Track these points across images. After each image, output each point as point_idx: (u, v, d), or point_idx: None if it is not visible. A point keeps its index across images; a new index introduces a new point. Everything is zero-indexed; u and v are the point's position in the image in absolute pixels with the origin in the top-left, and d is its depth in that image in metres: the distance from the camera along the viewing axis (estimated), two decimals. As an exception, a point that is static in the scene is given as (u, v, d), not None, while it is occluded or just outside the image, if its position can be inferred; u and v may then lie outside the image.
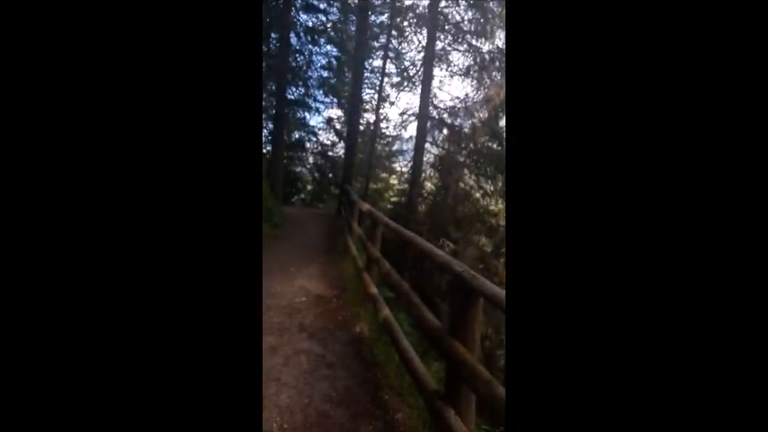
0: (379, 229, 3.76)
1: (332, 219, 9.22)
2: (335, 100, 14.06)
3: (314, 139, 14.65)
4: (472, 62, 8.36)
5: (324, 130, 14.71)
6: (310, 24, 12.35)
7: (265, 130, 13.65)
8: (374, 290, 3.41)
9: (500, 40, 7.63)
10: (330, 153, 14.61)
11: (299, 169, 15.06)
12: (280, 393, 2.24)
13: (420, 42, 9.54)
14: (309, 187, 15.36)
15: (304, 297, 3.89)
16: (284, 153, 13.34)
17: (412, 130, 9.51)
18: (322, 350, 2.86)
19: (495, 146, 7.30)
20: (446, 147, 8.39)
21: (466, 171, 7.68)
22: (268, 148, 13.27)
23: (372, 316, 3.50)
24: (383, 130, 12.66)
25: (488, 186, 7.46)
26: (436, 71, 8.61)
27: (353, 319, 3.54)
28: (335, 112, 14.61)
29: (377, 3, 11.13)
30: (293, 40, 11.69)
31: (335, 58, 13.37)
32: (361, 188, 12.70)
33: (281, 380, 2.38)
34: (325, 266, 5.09)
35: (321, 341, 3.01)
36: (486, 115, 7.24)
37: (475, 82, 8.24)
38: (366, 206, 4.49)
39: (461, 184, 7.45)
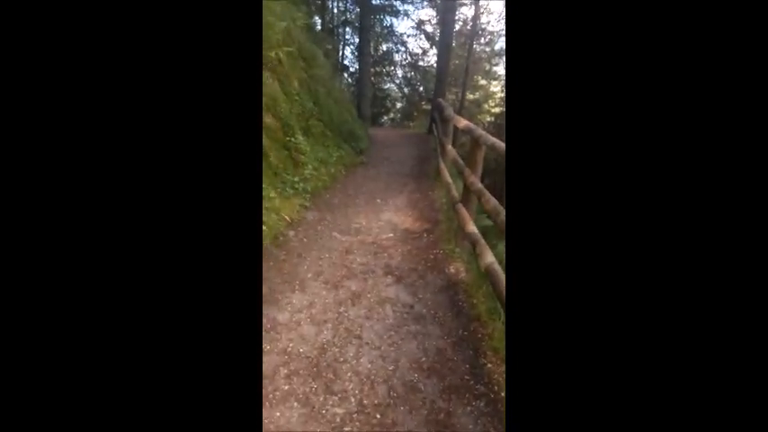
0: (479, 151, 3.05)
1: (423, 139, 8.52)
2: (425, -3, 12.35)
3: (402, 48, 13.40)
4: None
5: (414, 36, 13.31)
6: None
7: (351, 46, 12.88)
8: (473, 228, 2.84)
9: None
10: (421, 63, 13.33)
11: (387, 86, 14.20)
12: (360, 356, 1.94)
13: None
14: (399, 105, 14.52)
15: (391, 233, 3.51)
16: (371, 69, 12.58)
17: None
18: (411, 298, 2.49)
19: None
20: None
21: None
22: (355, 66, 12.63)
23: (470, 256, 2.99)
24: (483, 26, 10.85)
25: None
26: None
27: (447, 258, 3.07)
28: (427, 13, 12.98)
29: None
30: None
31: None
32: (456, 100, 11.50)
33: (363, 338, 2.08)
34: (415, 196, 4.61)
35: (410, 287, 2.63)
36: None
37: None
38: (463, 122, 3.74)
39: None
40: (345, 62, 13.32)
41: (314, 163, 4.46)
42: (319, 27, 11.58)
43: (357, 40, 12.00)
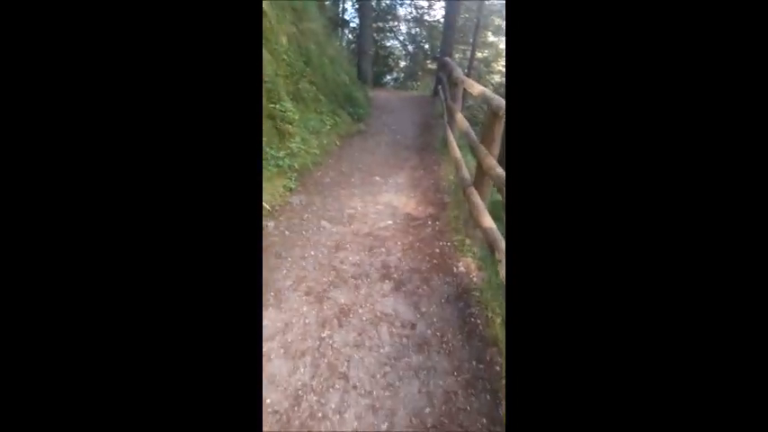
0: (498, 125, 2.46)
1: (427, 102, 7.78)
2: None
3: (407, 2, 12.21)
4: None
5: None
6: None
7: (353, 3, 11.74)
8: (489, 223, 2.31)
9: None
10: (426, 18, 12.19)
11: (390, 43, 13.10)
12: (345, 408, 1.48)
13: None
14: (402, 63, 13.48)
15: (390, 220, 2.98)
16: (373, 25, 11.52)
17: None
18: (412, 313, 2.01)
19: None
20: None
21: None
22: (355, 21, 11.56)
23: (483, 251, 2.48)
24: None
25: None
26: None
27: (455, 252, 2.57)
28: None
29: None
30: None
31: None
32: (463, 59, 10.57)
33: (350, 377, 1.61)
34: (419, 172, 4.03)
35: (411, 296, 2.14)
36: None
37: None
38: (477, 88, 3.10)
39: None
40: (346, 17, 12.24)
41: (303, 134, 3.86)
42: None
43: (358, -8, 10.91)
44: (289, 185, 3.16)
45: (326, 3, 11.41)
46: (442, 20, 12.21)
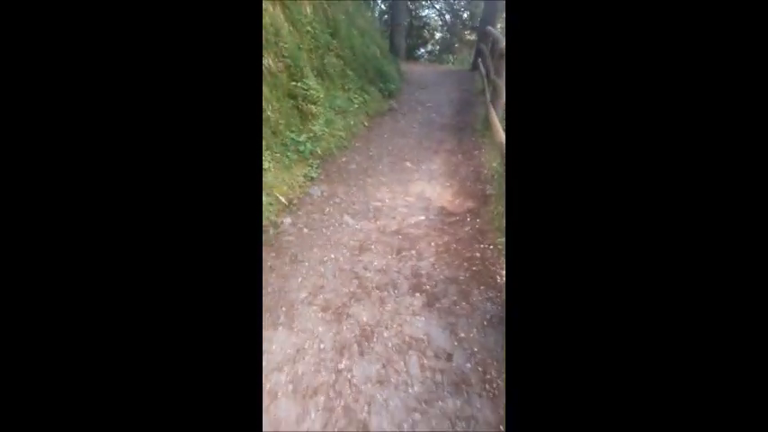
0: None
1: (466, 77, 7.15)
2: None
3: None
4: None
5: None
6: None
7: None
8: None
9: None
10: (465, -17, 11.26)
11: (425, 12, 12.27)
12: (361, 477, 1.17)
13: None
14: (438, 35, 12.64)
15: (422, 215, 2.61)
16: (408, -8, 10.78)
17: None
18: (448, 339, 1.67)
19: None
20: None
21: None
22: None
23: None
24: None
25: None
26: None
27: (499, 258, 2.18)
28: None
29: None
30: None
31: None
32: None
33: (369, 426, 1.30)
34: (456, 157, 3.59)
35: (447, 315, 1.79)
36: None
37: None
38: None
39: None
40: (379, -15, 11.52)
41: (328, 114, 3.50)
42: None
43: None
44: (310, 174, 2.83)
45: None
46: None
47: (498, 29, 8.26)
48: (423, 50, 12.39)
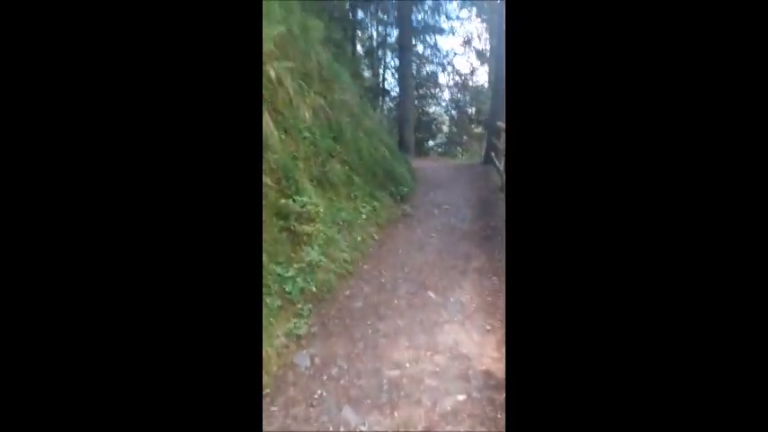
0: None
1: (479, 173, 6.68)
2: (474, 9, 10.75)
3: (449, 68, 11.77)
4: None
5: (461, 55, 11.69)
6: None
7: (391, 69, 11.53)
8: None
9: None
10: (470, 83, 11.60)
11: (432, 109, 12.55)
12: None
13: None
14: (445, 128, 12.77)
15: (461, 392, 1.72)
16: (414, 92, 11.09)
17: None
18: None
19: None
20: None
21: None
22: (396, 91, 11.21)
23: None
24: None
25: None
26: None
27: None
28: (476, 27, 11.33)
29: None
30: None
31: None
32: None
33: None
34: (490, 280, 2.79)
35: None
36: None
37: None
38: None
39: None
40: (386, 86, 11.98)
41: (330, 231, 2.81)
42: (358, 51, 10.48)
43: (398, 62, 10.61)
44: (296, 330, 2.02)
45: (364, 73, 11.24)
46: (485, 84, 11.61)
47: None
48: (432, 143, 12.43)
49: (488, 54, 11.00)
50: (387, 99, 12.12)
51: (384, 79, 12.06)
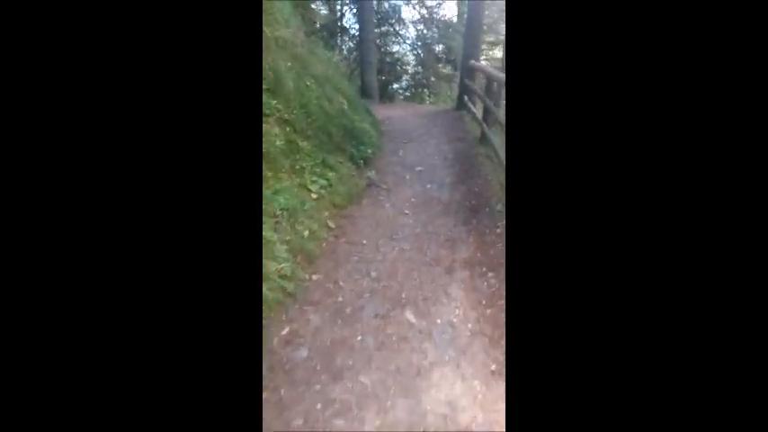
0: None
1: (454, 120, 5.76)
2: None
3: (414, 1, 10.16)
4: None
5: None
6: None
7: (350, 5, 9.85)
8: None
9: None
10: (437, 16, 10.14)
11: (395, 48, 11.09)
12: None
13: None
14: (410, 69, 11.41)
15: None
16: (376, 30, 9.62)
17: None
18: None
19: None
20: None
21: None
22: (355, 29, 9.65)
23: None
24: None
25: None
26: None
27: None
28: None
29: None
30: None
31: None
32: (490, 63, 8.54)
33: None
34: (485, 279, 2.04)
35: None
36: None
37: None
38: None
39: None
40: (345, 24, 10.36)
41: (266, 232, 1.92)
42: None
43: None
44: None
45: (317, 8, 9.61)
46: (454, 18, 10.22)
47: (484, 64, 7.04)
48: (396, 86, 11.14)
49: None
50: (346, 39, 10.57)
51: (342, 15, 10.41)
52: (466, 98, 6.03)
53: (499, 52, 9.79)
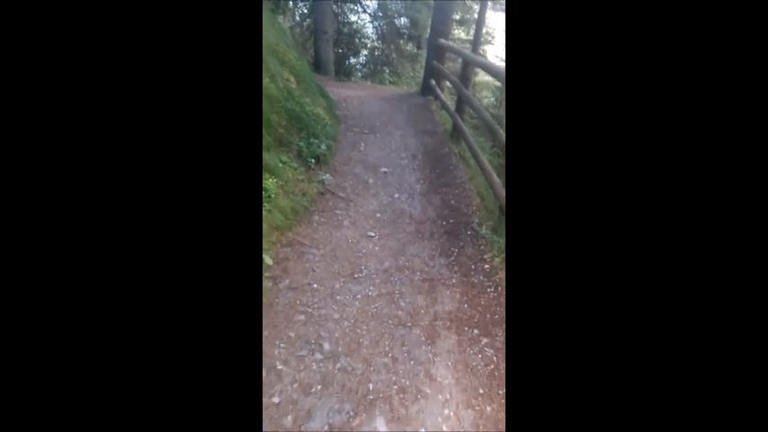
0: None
1: (421, 107, 5.10)
2: None
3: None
4: None
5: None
6: None
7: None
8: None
9: None
10: (400, -15, 9.16)
11: (354, 19, 10.01)
12: None
13: None
14: (369, 44, 10.41)
15: None
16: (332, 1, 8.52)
17: None
18: None
19: None
20: None
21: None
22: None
23: None
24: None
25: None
26: None
27: None
28: None
29: None
30: None
31: None
32: (460, 41, 7.88)
33: None
34: (478, 347, 1.46)
35: None
36: None
37: None
38: None
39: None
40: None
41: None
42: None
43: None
44: None
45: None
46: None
47: (454, 41, 6.38)
48: (354, 61, 10.14)
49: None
50: (300, 3, 9.33)
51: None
52: (433, 82, 5.37)
53: (465, 33, 9.12)
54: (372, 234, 2.18)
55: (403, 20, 9.34)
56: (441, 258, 2.04)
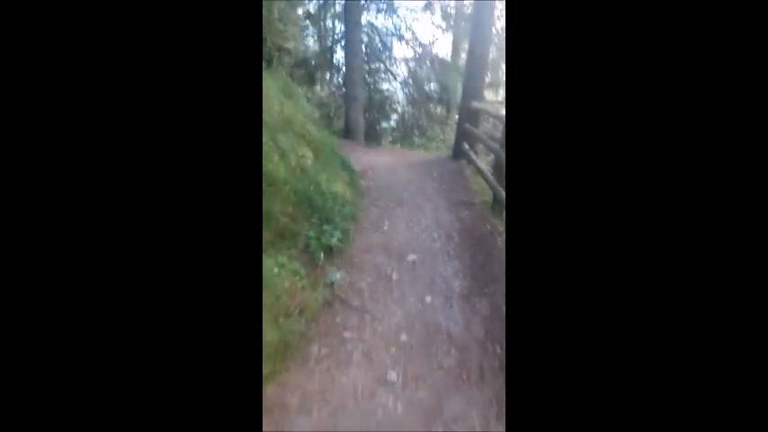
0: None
1: (453, 173, 4.54)
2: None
3: (408, 33, 9.20)
4: None
5: (418, 20, 9.21)
6: None
7: (340, 39, 8.88)
8: None
9: None
10: (429, 52, 9.16)
11: (386, 86, 10.03)
12: None
13: None
14: (400, 109, 10.30)
15: None
16: (365, 66, 8.62)
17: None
18: None
19: None
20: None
21: None
22: (342, 63, 8.63)
23: None
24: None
25: None
26: None
27: None
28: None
29: None
30: None
31: None
32: (494, 102, 7.49)
33: None
34: None
35: None
36: None
37: None
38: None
39: None
40: (334, 60, 9.37)
41: None
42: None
43: (343, 29, 8.12)
44: None
45: (308, 40, 8.64)
46: (447, 56, 9.31)
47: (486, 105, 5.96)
48: (384, 125, 10.02)
49: (452, 20, 8.70)
50: (336, 75, 9.58)
51: (333, 52, 9.44)
52: (466, 145, 4.86)
53: (494, 94, 8.81)
54: (393, 376, 1.47)
55: (432, 85, 9.20)
56: (500, 424, 1.28)
